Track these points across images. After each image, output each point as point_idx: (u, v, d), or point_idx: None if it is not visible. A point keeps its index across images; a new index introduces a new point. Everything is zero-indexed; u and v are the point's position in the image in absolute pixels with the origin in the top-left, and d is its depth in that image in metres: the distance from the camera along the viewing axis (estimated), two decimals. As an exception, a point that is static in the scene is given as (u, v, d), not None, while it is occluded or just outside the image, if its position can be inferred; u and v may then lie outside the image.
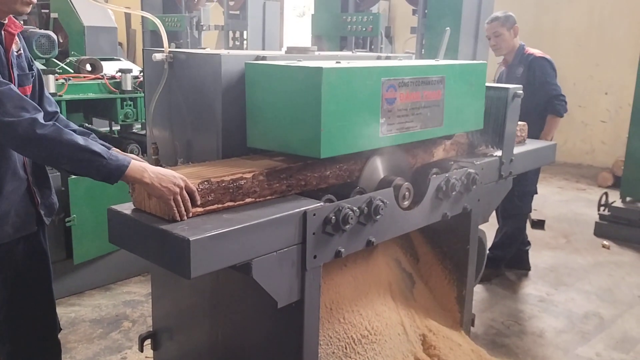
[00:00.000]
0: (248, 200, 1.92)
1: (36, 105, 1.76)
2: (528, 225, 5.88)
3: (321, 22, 6.95)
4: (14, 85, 1.87)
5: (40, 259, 2.20)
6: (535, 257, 4.86)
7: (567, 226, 5.87)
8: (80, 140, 1.71)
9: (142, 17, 8.59)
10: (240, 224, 1.77)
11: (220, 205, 1.85)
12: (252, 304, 2.23)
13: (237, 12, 7.82)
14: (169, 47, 2.36)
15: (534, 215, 6.00)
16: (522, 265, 4.50)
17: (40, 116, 1.70)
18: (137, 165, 1.76)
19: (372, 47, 6.82)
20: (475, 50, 6.18)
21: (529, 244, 4.52)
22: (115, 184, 1.81)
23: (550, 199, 6.88)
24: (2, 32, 1.87)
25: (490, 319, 3.68)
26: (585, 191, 7.36)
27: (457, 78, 2.52)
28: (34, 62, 2.10)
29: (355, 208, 2.08)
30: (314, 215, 1.97)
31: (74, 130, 2.09)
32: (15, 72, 1.91)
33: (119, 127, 4.54)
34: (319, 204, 2.00)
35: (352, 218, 2.06)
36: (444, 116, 2.49)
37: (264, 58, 2.25)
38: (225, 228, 1.72)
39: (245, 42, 7.81)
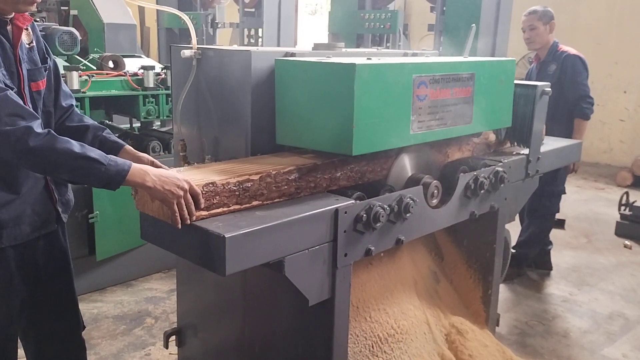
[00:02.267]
0: (255, 203, 1.84)
1: (33, 112, 1.67)
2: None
3: (338, 19, 6.92)
4: (23, 82, 1.81)
5: (60, 257, 2.15)
6: (557, 256, 4.81)
7: (588, 226, 5.80)
8: (75, 147, 1.62)
9: (157, 14, 8.62)
10: (274, 221, 1.76)
11: (225, 209, 1.77)
12: (280, 301, 2.22)
13: (253, 10, 7.82)
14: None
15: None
16: (544, 265, 4.45)
17: (36, 124, 1.60)
18: (138, 168, 1.68)
19: (388, 44, 6.79)
20: (494, 47, 6.13)
21: (551, 243, 4.47)
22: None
23: (569, 198, 6.78)
24: (9, 28, 1.77)
25: (513, 319, 3.65)
26: (604, 190, 7.28)
27: (486, 75, 2.49)
28: (50, 54, 2.01)
29: (385, 206, 2.07)
30: (346, 213, 1.95)
31: (87, 127, 2.04)
32: (25, 68, 1.83)
33: (138, 124, 4.56)
34: (350, 202, 1.99)
35: (382, 216, 2.04)
36: (473, 113, 2.46)
37: (293, 54, 2.24)
38: (259, 225, 1.71)
39: (260, 39, 7.81)
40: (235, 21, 7.86)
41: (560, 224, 5.77)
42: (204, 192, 1.74)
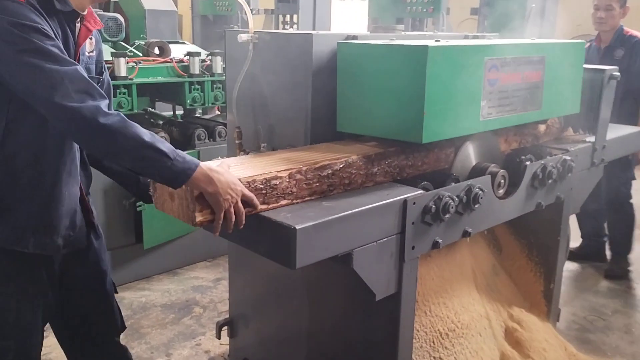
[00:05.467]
0: (283, 202, 1.70)
1: (102, 92, 1.56)
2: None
3: (379, 3, 6.76)
4: None
5: (94, 266, 1.96)
6: (612, 248, 4.62)
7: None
8: (146, 135, 1.52)
9: (192, 1, 8.58)
10: (343, 212, 1.68)
11: (249, 209, 1.63)
12: (342, 293, 2.15)
13: (289, -4, 7.72)
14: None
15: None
16: (599, 257, 4.27)
17: (104, 104, 1.51)
18: (204, 171, 1.55)
19: (434, 27, 6.61)
20: (541, 31, 5.92)
21: (606, 235, 4.29)
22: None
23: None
24: (78, 25, 1.70)
25: (571, 313, 3.50)
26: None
27: (556, 58, 2.36)
28: (106, 71, 1.93)
29: (454, 196, 1.96)
30: (414, 203, 1.86)
31: None
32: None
33: (181, 112, 4.53)
34: (419, 192, 1.89)
35: (452, 207, 1.94)
36: (542, 99, 2.33)
37: (355, 37, 2.14)
38: (328, 216, 1.63)
39: (295, 25, 7.72)
40: (270, 7, 7.77)
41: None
42: (291, 182, 1.68)
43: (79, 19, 1.69)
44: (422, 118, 1.82)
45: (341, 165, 1.82)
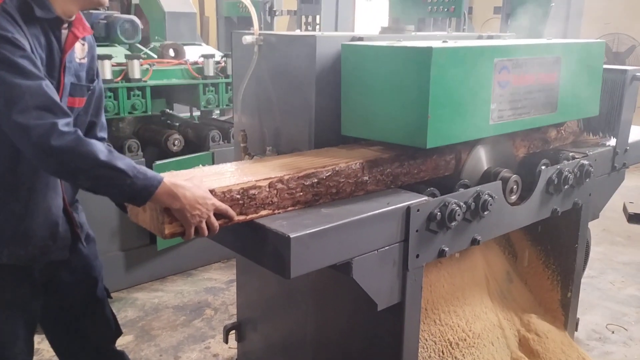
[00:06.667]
0: (263, 212, 1.63)
1: (66, 109, 1.50)
2: (624, 219, 5.45)
3: (400, 3, 6.67)
4: (62, 91, 1.64)
5: (83, 272, 1.92)
6: (635, 254, 4.47)
7: (668, 220, 5.36)
8: (101, 154, 1.44)
9: (217, 3, 8.62)
10: (342, 219, 1.63)
11: (225, 220, 1.56)
12: (347, 301, 2.10)
13: (311, -3, 7.68)
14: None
15: (631, 209, 5.54)
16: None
17: (64, 122, 1.43)
18: (168, 188, 1.47)
19: (450, 29, 6.50)
20: (566, 30, 5.77)
21: None
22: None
23: (645, 191, 6.34)
24: (64, 31, 1.65)
25: (591, 322, 3.38)
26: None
27: (573, 59, 2.26)
28: (100, 79, 1.86)
29: (461, 203, 1.89)
30: (418, 210, 1.79)
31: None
32: (68, 79, 1.67)
33: (198, 113, 4.52)
34: (423, 199, 1.82)
35: (458, 214, 1.87)
36: (558, 101, 2.24)
37: (360, 39, 2.09)
38: (326, 224, 1.59)
39: (318, 26, 7.69)
40: (293, 8, 7.75)
41: (638, 218, 5.37)
42: (271, 192, 1.62)
43: (66, 26, 1.65)
44: (426, 122, 1.76)
45: (328, 174, 1.73)
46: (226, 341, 2.76)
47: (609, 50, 7.59)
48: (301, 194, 1.69)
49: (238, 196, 1.57)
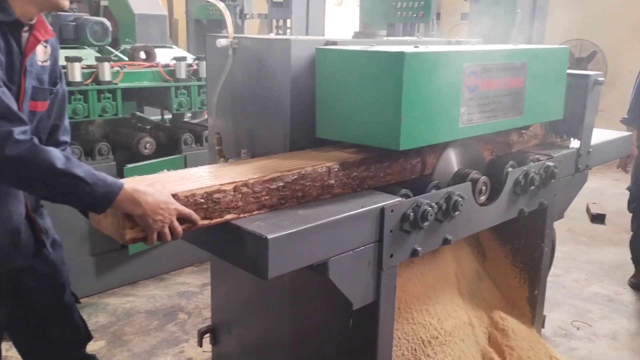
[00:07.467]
0: (228, 216, 1.62)
1: (22, 116, 1.46)
2: (587, 219, 5.62)
3: (370, 8, 6.76)
4: (23, 95, 1.62)
5: (48, 278, 1.91)
6: (598, 253, 4.63)
7: (629, 221, 5.55)
8: (58, 161, 1.40)
9: (186, 5, 8.57)
10: (318, 220, 1.65)
11: (188, 225, 1.56)
12: (321, 301, 2.13)
13: (281, 1, 7.70)
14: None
15: (594, 210, 5.72)
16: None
17: (20, 131, 1.39)
18: (129, 193, 1.44)
19: (418, 34, 6.62)
20: (531, 34, 5.92)
21: None
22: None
23: (608, 192, 6.56)
24: (25, 34, 1.62)
25: (557, 319, 3.49)
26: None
27: (539, 64, 2.35)
28: (64, 82, 1.85)
29: (433, 204, 1.95)
30: (392, 211, 1.84)
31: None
32: (29, 83, 1.64)
33: (170, 116, 4.50)
34: (396, 200, 1.87)
35: (430, 215, 1.92)
36: (524, 105, 2.31)
37: (334, 43, 2.12)
38: (303, 225, 1.61)
39: (288, 30, 7.71)
40: (263, 12, 7.76)
41: (601, 218, 5.56)
42: (236, 196, 1.62)
43: (27, 29, 1.62)
44: (399, 124, 1.80)
45: (294, 177, 1.74)
46: (200, 345, 2.76)
47: (572, 55, 7.82)
48: (267, 197, 1.69)
49: (202, 200, 1.56)
